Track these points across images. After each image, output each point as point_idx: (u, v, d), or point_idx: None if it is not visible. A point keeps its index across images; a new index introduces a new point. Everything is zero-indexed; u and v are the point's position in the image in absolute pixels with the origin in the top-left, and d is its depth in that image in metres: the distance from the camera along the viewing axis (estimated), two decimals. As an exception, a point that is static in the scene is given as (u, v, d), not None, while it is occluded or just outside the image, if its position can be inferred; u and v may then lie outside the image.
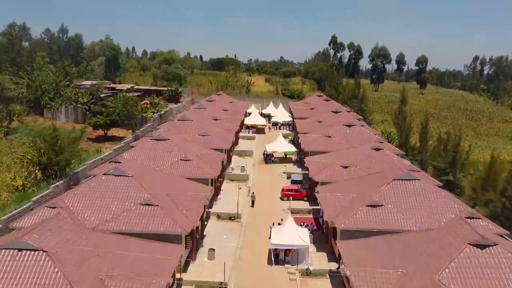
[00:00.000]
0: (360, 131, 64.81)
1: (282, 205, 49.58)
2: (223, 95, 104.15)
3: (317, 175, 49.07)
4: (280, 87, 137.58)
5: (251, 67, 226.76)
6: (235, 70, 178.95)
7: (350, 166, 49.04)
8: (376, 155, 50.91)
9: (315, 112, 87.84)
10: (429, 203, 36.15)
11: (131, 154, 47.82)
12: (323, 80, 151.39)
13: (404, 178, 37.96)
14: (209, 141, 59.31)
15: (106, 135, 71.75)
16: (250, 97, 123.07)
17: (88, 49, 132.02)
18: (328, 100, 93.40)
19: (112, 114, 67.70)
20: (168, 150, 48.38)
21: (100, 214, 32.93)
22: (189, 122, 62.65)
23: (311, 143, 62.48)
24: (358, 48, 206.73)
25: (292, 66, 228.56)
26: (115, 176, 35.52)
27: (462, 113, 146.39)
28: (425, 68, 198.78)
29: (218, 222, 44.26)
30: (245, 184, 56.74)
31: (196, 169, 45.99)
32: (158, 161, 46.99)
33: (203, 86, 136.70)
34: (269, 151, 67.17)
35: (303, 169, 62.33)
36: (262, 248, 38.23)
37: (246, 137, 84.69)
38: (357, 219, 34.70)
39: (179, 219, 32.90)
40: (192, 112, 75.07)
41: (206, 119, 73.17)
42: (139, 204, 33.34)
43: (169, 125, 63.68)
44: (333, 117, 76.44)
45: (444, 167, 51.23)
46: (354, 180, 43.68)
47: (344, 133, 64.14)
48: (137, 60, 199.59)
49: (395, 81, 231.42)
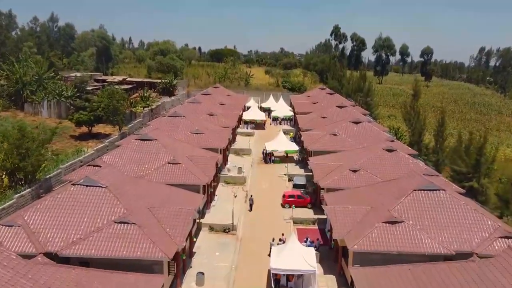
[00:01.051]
0: (368, 129, 59.18)
1: (283, 213, 44.13)
2: (220, 88, 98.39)
3: (322, 180, 43.54)
4: (280, 79, 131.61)
5: (251, 59, 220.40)
6: (234, 62, 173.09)
7: (360, 170, 43.52)
8: (389, 157, 45.32)
9: (318, 107, 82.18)
10: (457, 218, 30.70)
11: (113, 157, 42.23)
12: (325, 72, 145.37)
13: (426, 189, 32.45)
14: (203, 139, 53.74)
15: (90, 132, 66.02)
16: (249, 90, 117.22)
17: (79, 39, 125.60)
18: (332, 93, 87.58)
19: (96, 109, 61.97)
20: (155, 152, 42.82)
21: (65, 234, 27.51)
22: (181, 118, 56.98)
23: (315, 142, 56.88)
24: (361, 39, 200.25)
25: (292, 58, 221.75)
26: (86, 187, 30.01)
27: (470, 107, 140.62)
28: (430, 59, 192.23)
29: (210, 235, 38.80)
30: (242, 188, 51.26)
31: (186, 174, 40.43)
32: (143, 164, 41.44)
33: (200, 78, 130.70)
34: (269, 150, 61.60)
35: (306, 170, 56.86)
36: (261, 268, 32.84)
37: (244, 133, 79.05)
38: (372, 238, 29.23)
39: (161, 241, 27.44)
40: (186, 107, 69.40)
41: (200, 114, 67.50)
42: (113, 221, 27.86)
43: (159, 121, 58.03)
44: (338, 113, 70.75)
45: (466, 172, 45.74)
46: (366, 189, 38.11)
47: (351, 131, 58.50)
48: (133, 51, 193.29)
49: (398, 73, 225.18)
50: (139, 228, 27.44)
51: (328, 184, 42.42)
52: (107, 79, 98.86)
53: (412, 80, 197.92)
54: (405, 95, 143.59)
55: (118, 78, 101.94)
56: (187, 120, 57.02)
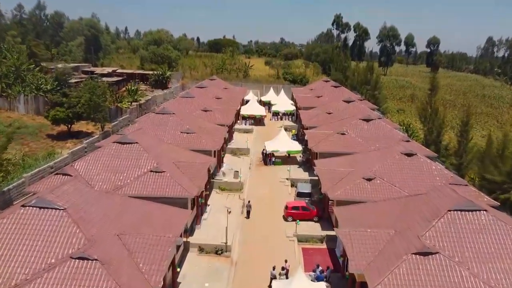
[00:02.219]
0: (380, 127, 52.79)
1: (286, 228, 37.98)
2: (217, 80, 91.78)
3: (331, 190, 37.30)
4: (281, 71, 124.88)
5: (250, 49, 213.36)
6: (233, 52, 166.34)
7: (376, 178, 37.27)
8: (409, 162, 39.00)
9: (322, 101, 75.73)
10: (505, 248, 24.53)
11: (86, 163, 35.92)
12: (328, 63, 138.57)
13: (464, 209, 26.19)
14: (194, 140, 47.45)
15: (69, 131, 59.59)
16: (248, 82, 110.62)
17: (67, 28, 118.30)
18: (337, 86, 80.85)
19: (75, 105, 55.49)
20: (136, 158, 36.51)
21: (7, 273, 21.34)
22: (170, 116, 50.53)
23: (321, 142, 50.58)
24: (365, 29, 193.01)
25: (293, 48, 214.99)
26: (39, 209, 23.78)
27: (480, 100, 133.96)
28: (436, 50, 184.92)
29: (199, 258, 32.66)
30: (239, 196, 45.16)
31: (171, 185, 34.17)
32: (121, 173, 35.16)
33: (196, 69, 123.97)
34: (269, 150, 55.31)
35: (311, 173, 50.74)
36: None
37: (243, 130, 72.73)
38: (400, 275, 23.07)
39: (130, 284, 21.28)
40: (177, 102, 62.89)
41: (193, 110, 61.10)
42: (70, 258, 21.68)
43: (146, 119, 51.58)
44: (345, 108, 64.33)
45: (501, 181, 39.36)
46: (387, 204, 31.87)
47: (361, 129, 52.12)
48: (128, 41, 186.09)
49: (402, 64, 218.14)
50: (102, 266, 21.26)
51: (338, 196, 36.21)
52: (96, 71, 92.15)
53: (417, 71, 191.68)
54: (412, 88, 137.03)
55: (107, 69, 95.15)
56: (177, 117, 50.61)
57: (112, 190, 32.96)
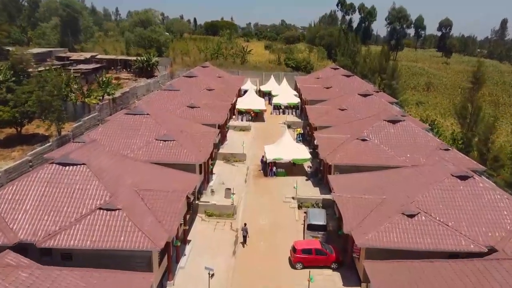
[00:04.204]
0: (410, 131, 41.76)
1: (294, 281, 27.43)
2: (209, 68, 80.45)
3: (358, 232, 26.53)
4: (282, 56, 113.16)
5: (249, 32, 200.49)
6: (231, 35, 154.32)
7: (419, 212, 26.50)
8: (464, 189, 28.13)
9: (332, 93, 64.46)
10: None
11: (15, 192, 24.86)
12: (334, 47, 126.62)
13: None
14: (172, 151, 36.52)
15: (20, 134, 48.41)
16: (246, 70, 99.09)
17: (43, 8, 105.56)
18: (349, 75, 69.26)
19: (23, 103, 44.27)
20: (82, 183, 25.50)
21: None
22: (144, 117, 39.43)
23: (337, 151, 39.71)
24: (370, 10, 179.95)
25: (295, 31, 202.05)
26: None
27: (501, 89, 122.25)
28: (449, 33, 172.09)
29: None
30: (231, 225, 34.58)
31: (128, 233, 23.24)
32: (58, 212, 24.13)
33: (189, 54, 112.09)
34: (270, 159, 44.45)
35: (323, 189, 40.20)
36: None
37: (239, 127, 61.80)
38: None
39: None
40: (157, 98, 51.60)
41: (178, 107, 50.16)
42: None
43: (115, 120, 40.40)
44: (362, 103, 53.38)
45: None
46: (444, 266, 21.03)
47: (386, 134, 41.22)
48: (118, 23, 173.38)
49: (410, 48, 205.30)
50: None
51: (369, 241, 25.46)
52: (72, 56, 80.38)
53: (428, 56, 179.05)
54: (425, 75, 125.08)
55: (85, 55, 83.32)
56: (153, 119, 39.52)
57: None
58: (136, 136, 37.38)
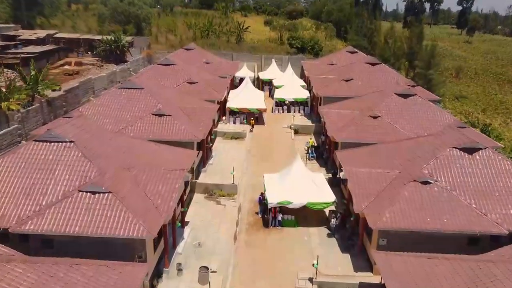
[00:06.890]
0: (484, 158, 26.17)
1: None
2: (195, 50, 64.64)
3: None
4: (285, 34, 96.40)
5: (247, 6, 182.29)
6: (226, 9, 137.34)
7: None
8: None
9: (354, 88, 48.55)
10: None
11: None
12: (344, 24, 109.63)
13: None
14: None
15: None
16: (242, 51, 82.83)
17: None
18: (374, 63, 52.82)
19: None
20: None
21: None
22: (65, 147, 23.63)
23: (369, 186, 24.23)
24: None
25: (298, 5, 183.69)
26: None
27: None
28: (470, 8, 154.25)
29: None
30: None
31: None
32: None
33: (176, 32, 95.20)
34: (274, 203, 28.90)
35: (360, 260, 25.16)
36: None
37: (230, 135, 46.29)
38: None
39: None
40: (109, 101, 35.21)
41: (138, 113, 34.16)
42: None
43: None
44: (402, 107, 37.75)
45: None
46: None
47: (457, 169, 25.66)
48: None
49: (425, 25, 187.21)
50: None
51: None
52: (22, 35, 63.71)
53: (446, 33, 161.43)
54: (451, 56, 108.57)
55: (40, 33, 66.54)
56: (80, 145, 23.78)
57: None
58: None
